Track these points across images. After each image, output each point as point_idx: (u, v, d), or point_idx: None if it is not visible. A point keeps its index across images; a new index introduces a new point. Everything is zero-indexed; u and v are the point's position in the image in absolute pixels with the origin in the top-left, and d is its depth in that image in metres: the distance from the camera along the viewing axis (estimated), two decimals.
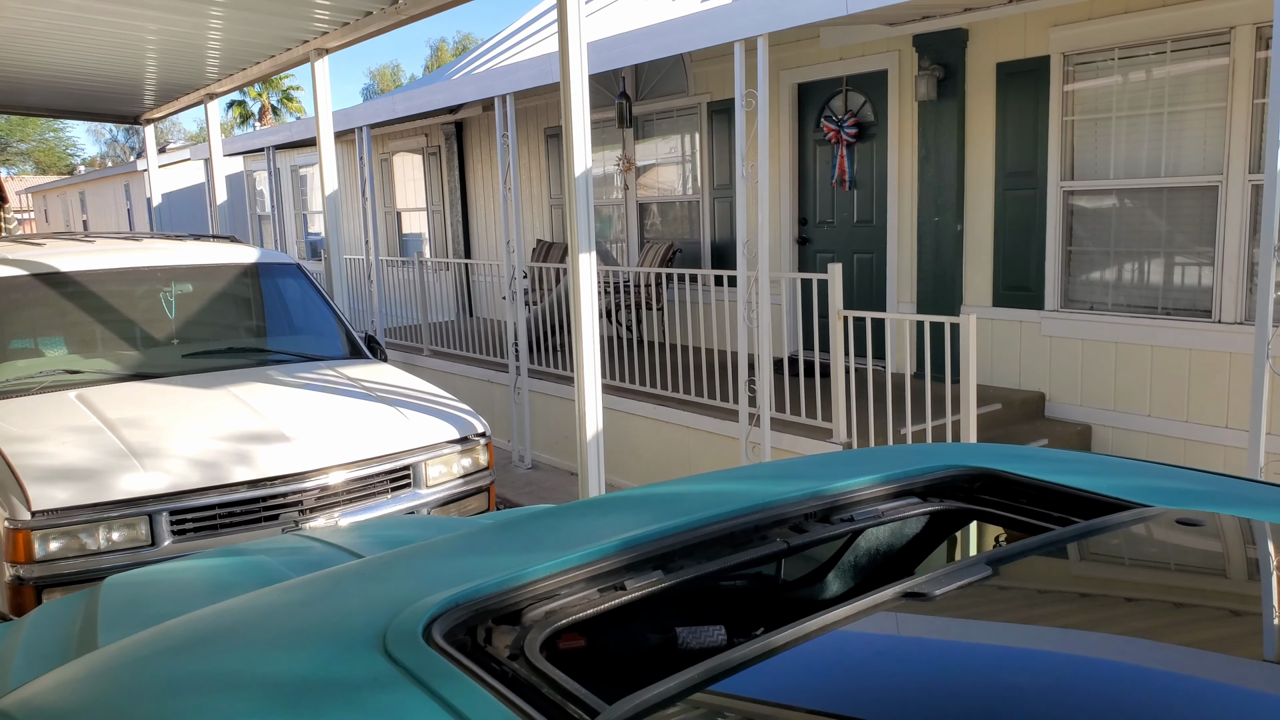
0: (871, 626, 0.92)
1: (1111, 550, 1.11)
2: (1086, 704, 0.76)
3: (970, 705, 0.77)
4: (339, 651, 0.99)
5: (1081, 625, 0.92)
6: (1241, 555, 1.10)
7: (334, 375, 4.76)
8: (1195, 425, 5.37)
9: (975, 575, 1.02)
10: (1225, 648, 0.86)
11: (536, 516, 1.38)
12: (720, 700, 0.81)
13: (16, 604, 3.44)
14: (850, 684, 0.82)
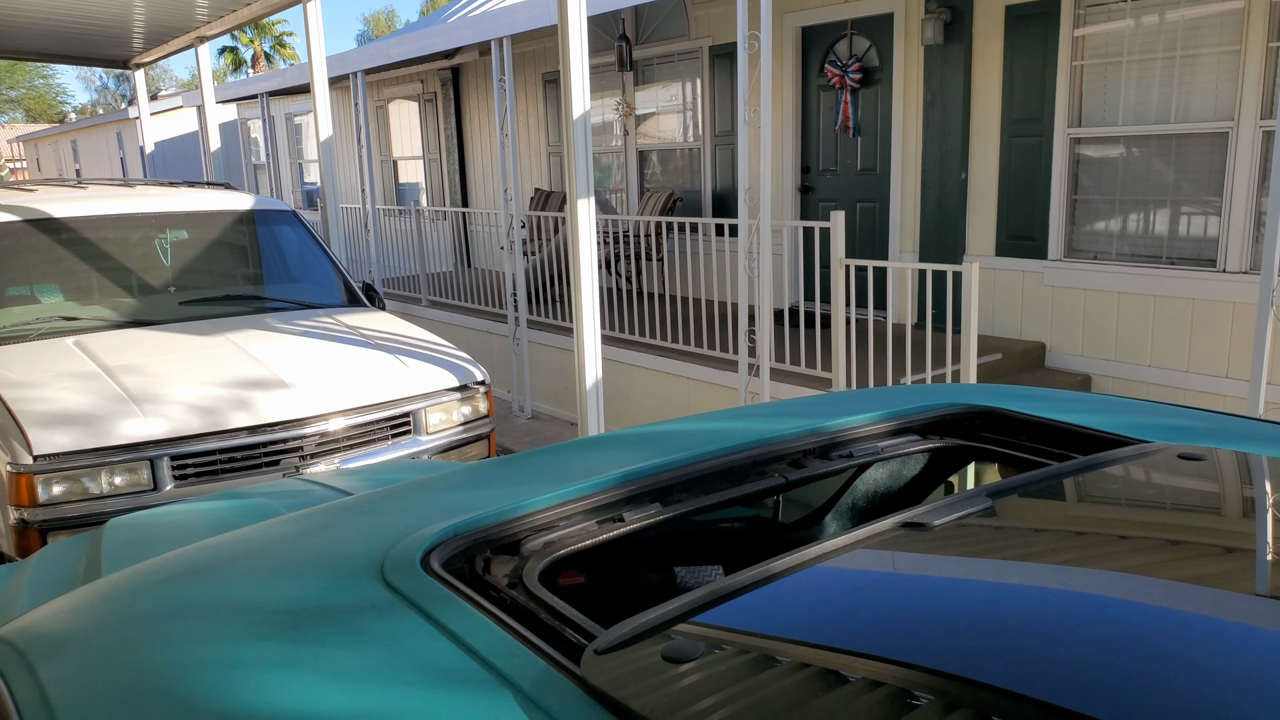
0: (869, 556, 0.92)
1: (1112, 484, 1.11)
2: (1081, 634, 0.76)
3: (966, 634, 0.77)
4: (337, 580, 0.99)
5: (1081, 559, 0.91)
6: (1244, 490, 1.10)
7: (332, 323, 4.74)
8: (1195, 375, 5.36)
9: (975, 507, 1.01)
10: (1225, 582, 0.86)
11: (535, 454, 1.38)
12: (716, 626, 0.81)
13: (22, 546, 3.47)
14: (846, 611, 0.82)
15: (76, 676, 0.86)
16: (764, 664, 0.74)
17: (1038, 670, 0.70)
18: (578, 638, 0.87)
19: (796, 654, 0.75)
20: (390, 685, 0.79)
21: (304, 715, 0.75)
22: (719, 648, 0.77)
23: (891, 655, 0.74)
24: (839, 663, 0.73)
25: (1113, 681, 0.68)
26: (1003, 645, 0.75)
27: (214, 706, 0.77)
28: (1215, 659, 0.71)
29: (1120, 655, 0.71)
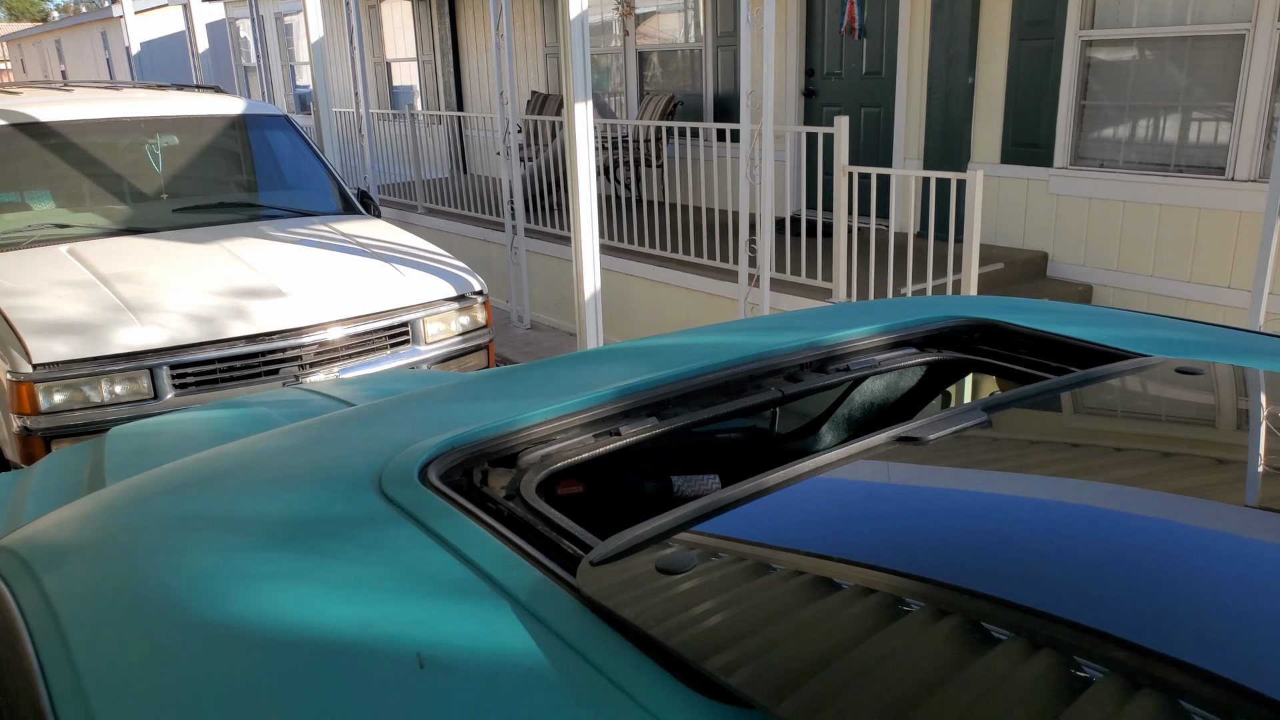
0: (864, 469, 0.92)
1: (1108, 398, 1.11)
2: (1068, 543, 0.77)
3: (957, 545, 0.78)
4: (335, 492, 1.00)
5: (1074, 472, 0.91)
6: (1239, 403, 1.10)
7: (328, 231, 4.69)
8: (1198, 285, 5.34)
9: (971, 421, 1.01)
10: (1220, 494, 0.86)
11: (532, 367, 1.37)
12: (710, 538, 0.82)
13: (27, 454, 3.51)
14: (838, 523, 0.82)
15: (80, 586, 0.87)
16: (755, 575, 0.75)
17: (1026, 578, 0.71)
18: (574, 549, 0.88)
19: (787, 566, 0.75)
20: (388, 595, 0.80)
21: (303, 625, 0.76)
22: (711, 559, 0.78)
23: (880, 565, 0.75)
24: (829, 574, 0.74)
25: (1100, 590, 0.69)
26: (992, 554, 0.76)
27: (214, 616, 0.79)
28: (1205, 568, 0.72)
29: (1106, 563, 0.72)
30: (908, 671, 0.61)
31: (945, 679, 0.60)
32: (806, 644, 0.64)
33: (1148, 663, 0.60)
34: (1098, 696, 0.57)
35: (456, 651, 0.72)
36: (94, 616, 0.82)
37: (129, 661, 0.75)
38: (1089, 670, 0.60)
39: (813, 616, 0.68)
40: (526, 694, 0.67)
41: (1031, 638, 0.63)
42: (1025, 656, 0.61)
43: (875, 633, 0.65)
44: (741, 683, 0.61)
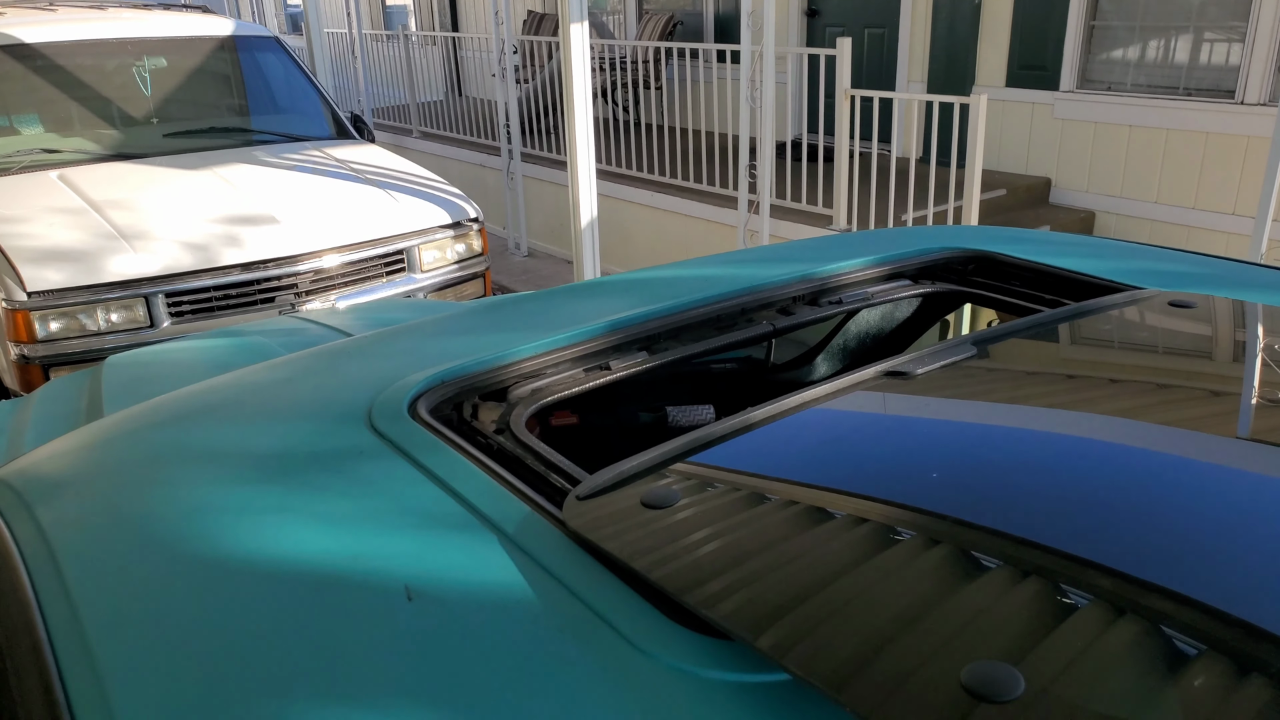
0: (850, 403, 0.92)
1: (1100, 331, 1.10)
2: (1056, 475, 0.77)
3: (943, 478, 0.78)
4: (325, 425, 1.00)
5: (1061, 404, 0.92)
6: (1233, 336, 1.09)
7: (321, 156, 4.62)
8: (1202, 212, 5.29)
9: (959, 355, 1.01)
10: (1207, 426, 0.87)
11: (524, 299, 1.37)
12: (695, 472, 0.82)
13: (25, 382, 3.52)
14: (823, 458, 0.83)
15: (74, 518, 0.88)
16: (738, 509, 0.75)
17: (1008, 509, 0.72)
18: (562, 483, 0.88)
19: (770, 500, 0.76)
20: (377, 528, 0.81)
21: (292, 558, 0.78)
22: (695, 494, 0.78)
23: (862, 498, 0.76)
24: (811, 507, 0.75)
25: (1078, 518, 0.69)
26: (975, 486, 0.77)
27: (206, 549, 0.80)
28: (1186, 496, 0.73)
29: (1084, 493, 0.73)
30: (888, 604, 0.62)
31: (925, 610, 0.61)
32: (785, 577, 0.65)
33: (1131, 590, 0.61)
34: (1082, 624, 0.58)
35: (443, 584, 0.73)
36: (88, 548, 0.83)
37: (123, 593, 0.76)
38: (1073, 598, 0.61)
39: (793, 550, 0.69)
40: (512, 626, 0.68)
41: (1013, 567, 0.64)
42: (1006, 586, 0.62)
43: (855, 566, 0.66)
44: (720, 615, 0.62)
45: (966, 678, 0.54)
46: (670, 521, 0.74)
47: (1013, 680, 0.54)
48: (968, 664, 0.55)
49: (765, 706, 0.60)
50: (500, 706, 0.61)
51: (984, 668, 0.55)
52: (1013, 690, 0.53)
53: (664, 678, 0.63)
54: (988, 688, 0.54)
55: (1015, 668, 0.55)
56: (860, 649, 0.57)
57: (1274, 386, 0.94)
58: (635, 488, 0.80)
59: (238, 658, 0.67)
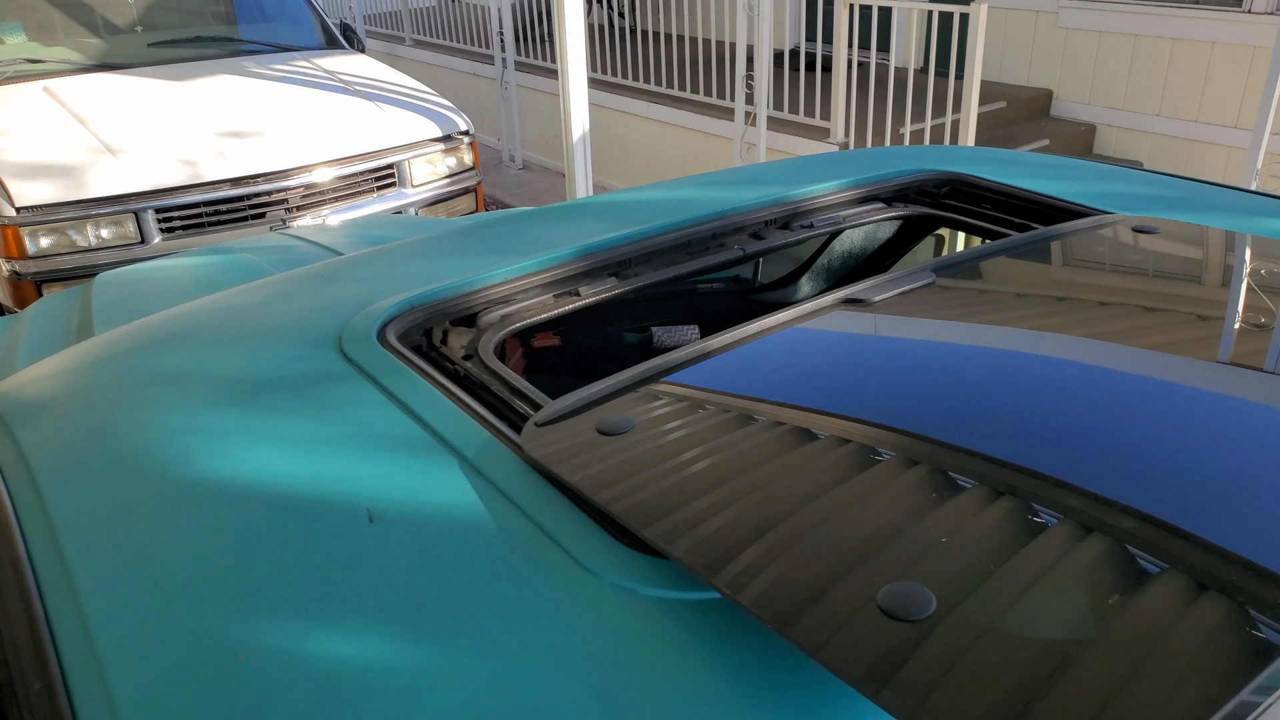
0: (805, 331, 0.95)
1: (1062, 257, 1.12)
2: (1008, 397, 0.80)
3: (894, 404, 0.81)
4: (298, 350, 1.03)
5: (1010, 327, 0.94)
6: (1193, 260, 1.11)
7: (310, 67, 4.54)
8: (1204, 125, 5.21)
9: (917, 282, 1.03)
10: (1161, 347, 0.89)
11: (497, 222, 1.38)
12: (651, 400, 0.85)
13: (18, 298, 3.54)
14: (779, 385, 0.85)
15: (52, 440, 0.91)
16: (686, 436, 0.78)
17: (960, 431, 0.75)
18: (525, 408, 0.91)
19: (717, 427, 0.79)
20: (343, 452, 0.84)
21: (261, 480, 0.81)
22: (649, 420, 0.81)
23: (810, 425, 0.78)
24: (752, 433, 0.78)
25: (1003, 442, 0.72)
26: (926, 411, 0.79)
27: (178, 471, 0.83)
28: (1104, 420, 0.76)
29: (1013, 417, 0.76)
30: (815, 527, 0.65)
31: (850, 534, 0.64)
32: (719, 501, 0.68)
33: (1045, 509, 0.64)
34: (996, 544, 0.61)
35: (404, 506, 0.77)
36: (64, 469, 0.86)
37: (97, 513, 0.80)
38: (990, 519, 0.64)
39: (729, 475, 0.72)
40: (467, 546, 0.72)
41: (937, 492, 0.67)
42: (929, 510, 0.66)
43: (784, 491, 0.69)
44: (657, 536, 0.66)
45: (882, 598, 0.58)
46: (622, 447, 0.77)
47: (925, 600, 0.58)
48: (885, 585, 0.59)
49: (698, 622, 0.64)
50: (454, 623, 0.65)
51: (899, 588, 0.59)
52: (924, 609, 0.57)
53: (607, 594, 0.67)
54: (901, 607, 0.57)
55: (928, 588, 0.59)
56: (785, 570, 0.61)
57: (1227, 309, 0.96)
58: (592, 414, 0.83)
59: (208, 575, 0.71)
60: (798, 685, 0.60)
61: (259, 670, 0.63)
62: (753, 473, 0.72)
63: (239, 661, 0.63)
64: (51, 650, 0.67)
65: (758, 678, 0.60)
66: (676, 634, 0.64)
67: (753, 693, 0.59)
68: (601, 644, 0.64)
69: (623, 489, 0.71)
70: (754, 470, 0.72)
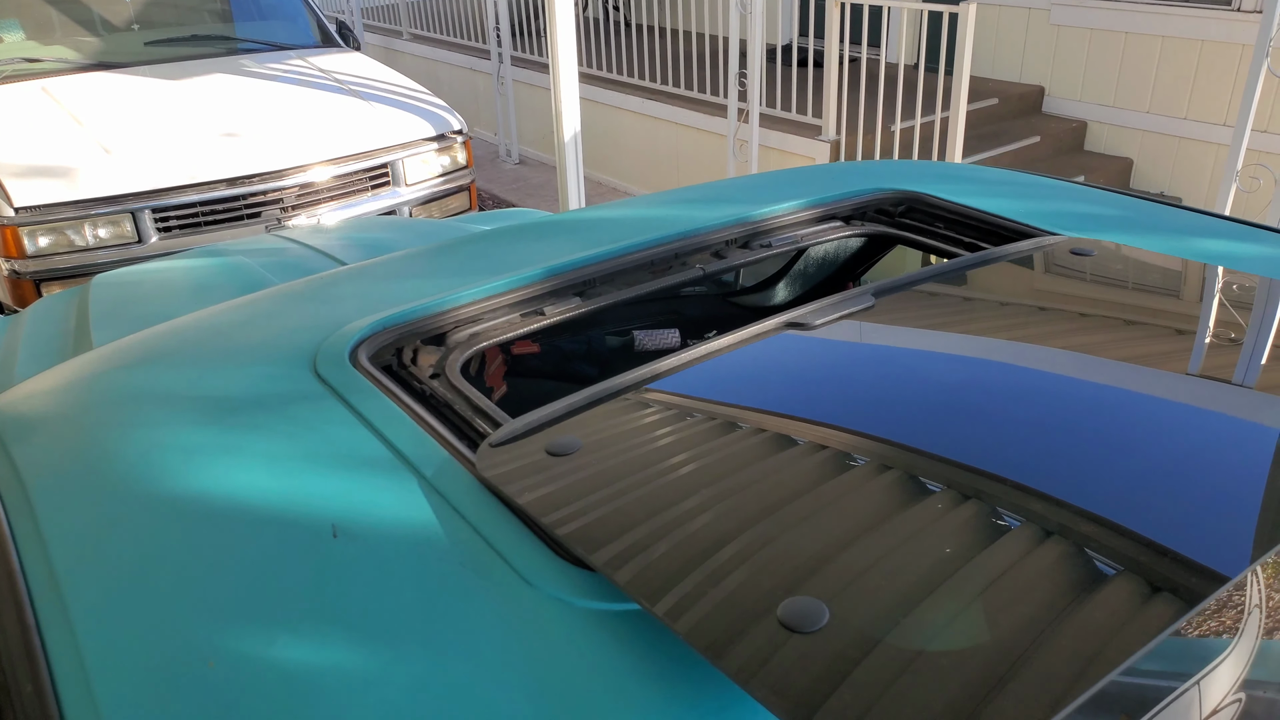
0: (747, 355, 1.01)
1: (997, 279, 1.18)
2: (929, 418, 0.87)
3: (832, 430, 0.87)
4: (275, 370, 1.09)
5: (947, 348, 1.00)
6: (1117, 285, 1.17)
7: (306, 66, 4.59)
8: (1192, 123, 5.25)
9: (857, 305, 1.09)
10: (1079, 368, 0.95)
11: (470, 242, 1.44)
12: (601, 419, 0.92)
13: (18, 297, 3.61)
14: (723, 410, 0.92)
15: (44, 457, 0.98)
16: (632, 458, 0.85)
17: (859, 452, 0.81)
18: (485, 427, 0.98)
19: (655, 450, 0.86)
20: (313, 470, 0.91)
21: (236, 495, 0.88)
22: (595, 442, 0.88)
23: (730, 444, 0.85)
24: (687, 457, 0.84)
25: (913, 463, 0.79)
26: (853, 425, 0.86)
27: (161, 487, 0.90)
28: (1002, 435, 0.82)
29: (925, 438, 0.82)
30: (728, 544, 0.72)
31: (758, 551, 0.71)
32: (648, 520, 0.75)
33: (940, 523, 0.71)
34: (889, 559, 0.68)
35: (366, 522, 0.84)
36: (56, 485, 0.93)
37: (85, 527, 0.86)
38: (886, 536, 0.70)
39: (659, 495, 0.78)
40: (421, 561, 0.79)
41: (840, 511, 0.74)
42: (834, 528, 0.72)
43: (704, 511, 0.76)
44: (588, 554, 0.72)
45: (782, 611, 0.65)
46: (566, 468, 0.84)
47: (818, 612, 0.64)
48: (785, 599, 0.66)
49: (625, 632, 0.71)
50: (407, 631, 0.72)
51: (796, 602, 0.65)
52: (817, 622, 0.64)
53: (544, 605, 0.74)
54: (797, 620, 0.64)
55: (823, 601, 0.65)
56: (696, 585, 0.68)
57: (1155, 329, 1.03)
58: (543, 436, 0.90)
59: (185, 586, 0.78)
60: (709, 692, 0.66)
61: (228, 676, 0.70)
62: (681, 492, 0.78)
63: (210, 668, 0.70)
64: (42, 656, 0.74)
65: (674, 682, 0.67)
66: (604, 642, 0.70)
67: (669, 695, 0.66)
68: (538, 650, 0.70)
69: (563, 508, 0.78)
70: (683, 489, 0.79)
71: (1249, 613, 0.87)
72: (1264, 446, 0.82)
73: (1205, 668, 0.82)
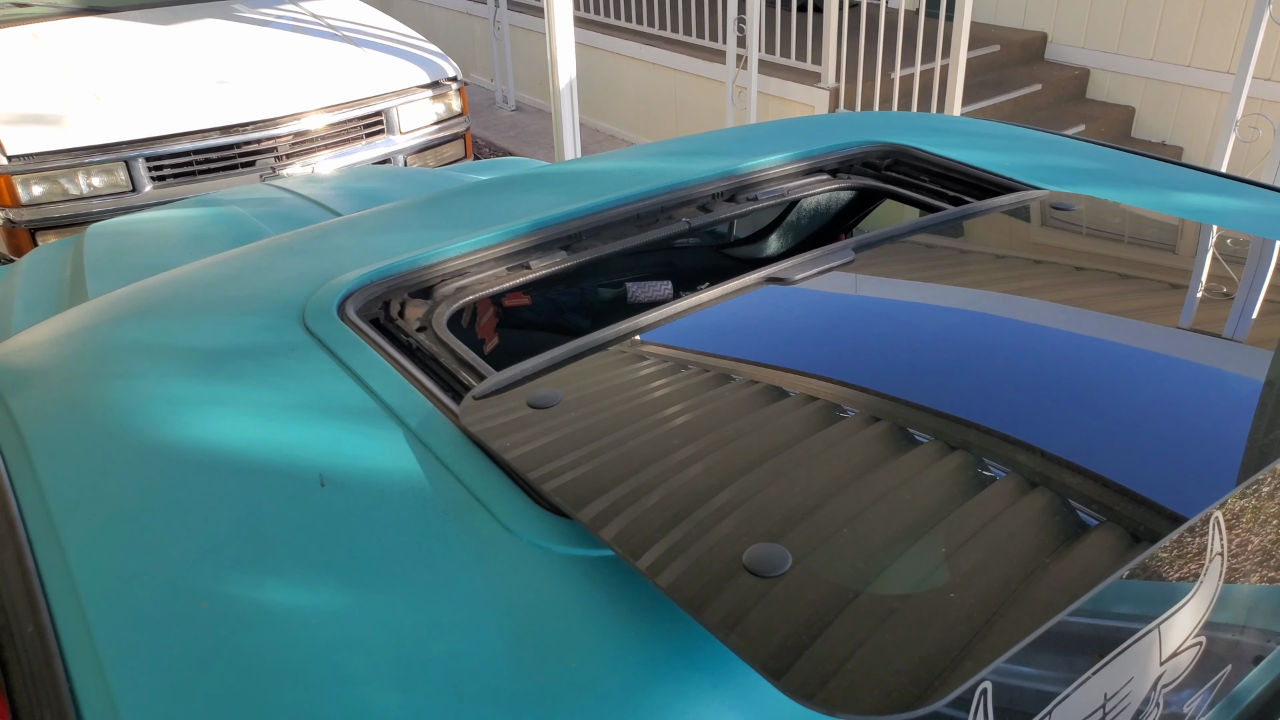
0: (729, 309, 1.03)
1: (977, 232, 1.19)
2: (917, 370, 0.89)
3: (800, 374, 0.90)
4: (265, 322, 1.11)
5: (924, 301, 1.02)
6: (1103, 237, 1.18)
7: (299, 11, 4.53)
8: (1196, 70, 5.19)
9: (838, 260, 1.11)
10: (1060, 322, 0.97)
11: (457, 195, 1.45)
12: (579, 377, 0.94)
13: (13, 246, 3.61)
14: (701, 363, 0.94)
15: (41, 408, 1.01)
16: (611, 410, 0.87)
17: (829, 404, 0.84)
18: (469, 379, 1.00)
19: (631, 402, 0.88)
20: (302, 420, 0.94)
21: (227, 446, 0.90)
22: (575, 395, 0.90)
23: (703, 395, 0.88)
24: (661, 409, 0.87)
25: (879, 412, 0.81)
26: (839, 390, 0.88)
27: (154, 437, 0.93)
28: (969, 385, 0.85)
29: (892, 386, 0.85)
30: (697, 491, 0.75)
31: (726, 498, 0.74)
32: (620, 468, 0.78)
33: (901, 469, 0.73)
34: (844, 505, 0.71)
35: (352, 472, 0.86)
36: (52, 435, 0.96)
37: (82, 476, 0.89)
38: (845, 483, 0.73)
39: (633, 445, 0.81)
40: (406, 510, 0.82)
41: (806, 459, 0.76)
42: (799, 475, 0.75)
43: (673, 457, 0.78)
44: (564, 501, 0.75)
45: (747, 558, 0.68)
46: (547, 420, 0.87)
47: (781, 558, 0.67)
48: (750, 545, 0.69)
49: (599, 576, 0.74)
50: (392, 578, 0.75)
51: (761, 549, 0.68)
52: (780, 567, 0.67)
53: (524, 552, 0.77)
54: (761, 565, 0.67)
55: (785, 547, 0.68)
56: (667, 532, 0.71)
57: (1124, 283, 1.04)
58: (525, 389, 0.92)
59: (179, 531, 0.81)
60: (679, 633, 0.70)
61: (221, 616, 0.73)
62: (656, 444, 0.81)
63: (203, 609, 0.74)
64: (42, 598, 0.77)
65: (645, 623, 0.70)
66: (581, 586, 0.74)
67: (639, 636, 0.69)
68: (519, 595, 0.73)
69: (541, 459, 0.81)
70: (658, 442, 0.81)
71: (1211, 558, 0.91)
72: (1229, 394, 0.84)
73: (1168, 610, 0.86)
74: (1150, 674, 0.87)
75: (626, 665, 0.67)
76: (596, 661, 0.67)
